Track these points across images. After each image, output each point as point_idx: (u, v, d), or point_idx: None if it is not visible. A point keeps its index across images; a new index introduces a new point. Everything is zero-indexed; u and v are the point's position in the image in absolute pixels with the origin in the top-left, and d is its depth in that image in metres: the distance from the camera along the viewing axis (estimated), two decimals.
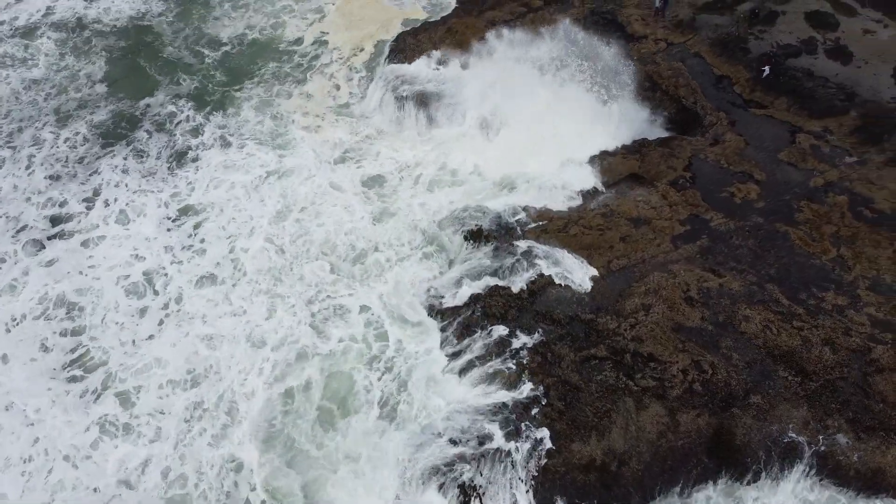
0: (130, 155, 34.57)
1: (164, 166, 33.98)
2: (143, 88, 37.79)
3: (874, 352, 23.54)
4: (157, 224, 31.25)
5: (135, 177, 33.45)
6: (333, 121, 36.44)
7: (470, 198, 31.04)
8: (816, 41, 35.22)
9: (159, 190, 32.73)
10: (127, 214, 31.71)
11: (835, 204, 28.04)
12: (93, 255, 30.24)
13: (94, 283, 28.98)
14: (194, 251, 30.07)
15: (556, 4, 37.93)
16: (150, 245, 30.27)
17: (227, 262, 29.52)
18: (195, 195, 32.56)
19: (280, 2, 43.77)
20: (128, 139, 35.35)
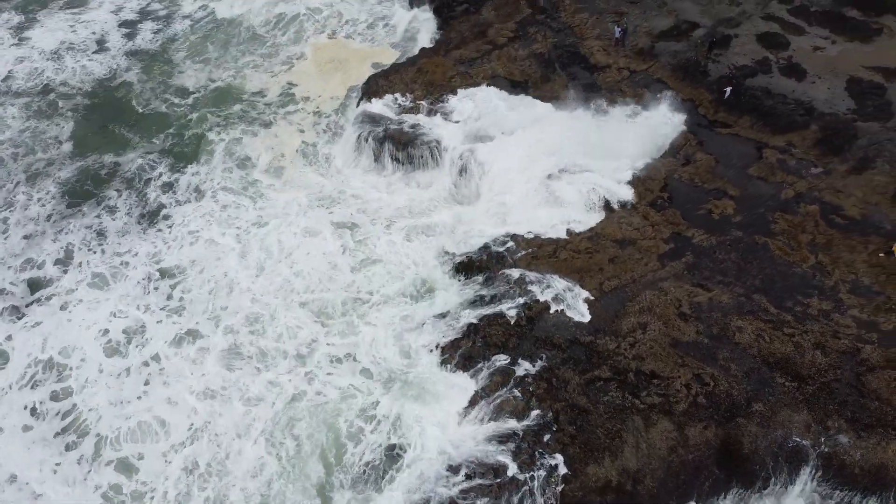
0: (103, 213, 34.05)
1: (136, 224, 33.46)
2: (112, 145, 37.41)
3: (863, 352, 24.45)
4: (135, 285, 30.62)
5: (108, 236, 32.92)
6: (306, 166, 36.54)
7: (453, 233, 31.34)
8: (770, 61, 37.02)
9: (134, 252, 32.07)
10: (104, 276, 31.09)
11: (807, 213, 29.26)
12: (71, 318, 29.54)
13: (77, 346, 28.35)
14: (174, 310, 29.48)
15: (520, 41, 39.11)
16: (128, 306, 29.70)
17: (209, 320, 29.04)
18: (170, 252, 31.98)
19: (244, 57, 43.95)
20: (98, 198, 34.80)
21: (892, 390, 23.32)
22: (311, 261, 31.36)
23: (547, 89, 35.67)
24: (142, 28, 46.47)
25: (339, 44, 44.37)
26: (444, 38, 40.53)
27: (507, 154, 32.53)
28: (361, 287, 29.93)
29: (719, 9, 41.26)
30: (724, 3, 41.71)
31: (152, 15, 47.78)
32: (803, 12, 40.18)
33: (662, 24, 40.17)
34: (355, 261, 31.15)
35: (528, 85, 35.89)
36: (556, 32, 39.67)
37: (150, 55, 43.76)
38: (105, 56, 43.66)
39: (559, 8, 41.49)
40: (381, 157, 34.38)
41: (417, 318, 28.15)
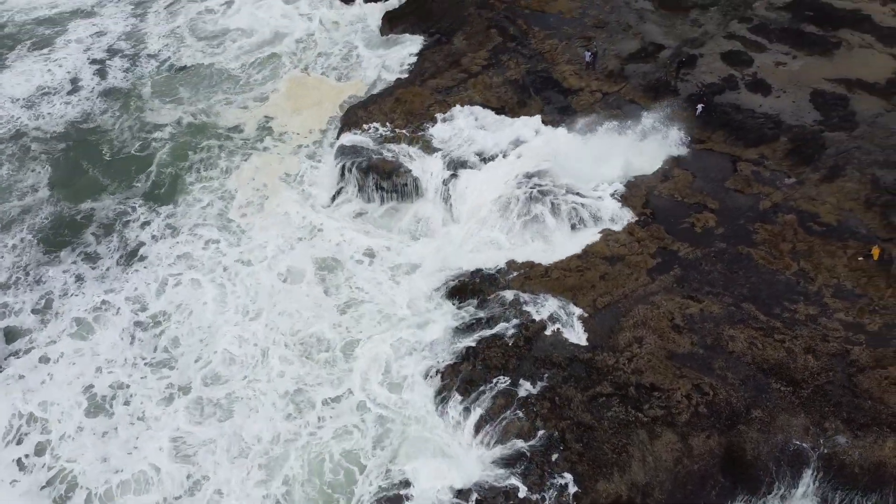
0: (80, 260, 33.30)
1: (116, 269, 32.77)
2: (89, 189, 36.78)
3: (852, 353, 25.15)
4: (120, 333, 29.91)
5: (88, 283, 32.20)
6: (287, 200, 36.35)
7: (440, 261, 31.45)
8: (736, 77, 38.28)
9: (115, 298, 31.24)
10: (86, 324, 30.32)
11: (785, 222, 30.13)
12: (53, 373, 28.71)
13: (60, 403, 27.55)
14: (161, 363, 28.81)
15: (494, 68, 39.84)
16: (113, 359, 28.96)
17: (198, 369, 28.46)
18: (153, 297, 31.37)
19: (216, 95, 43.78)
20: (75, 244, 34.06)
21: (884, 389, 23.99)
22: (296, 300, 31.08)
23: (524, 114, 36.29)
24: (111, 67, 46.12)
25: (313, 78, 44.59)
26: (419, 68, 41.09)
27: (488, 178, 32.96)
28: (349, 325, 29.70)
29: (682, 30, 42.63)
30: (687, 24, 43.12)
31: (120, 54, 47.49)
32: (763, 30, 41.70)
33: (630, 46, 41.32)
34: (341, 296, 31.00)
35: (505, 111, 36.45)
36: (527, 59, 40.51)
37: (122, 95, 43.38)
38: (78, 97, 43.19)
39: (529, 35, 42.40)
40: (366, 188, 34.51)
41: (409, 349, 28.11)
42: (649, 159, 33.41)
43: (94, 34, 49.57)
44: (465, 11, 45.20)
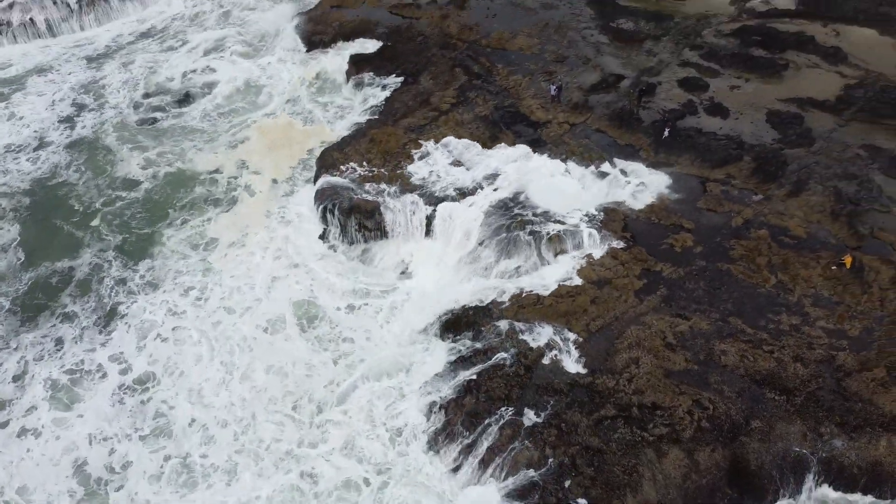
0: (59, 323, 32.03)
1: (96, 330, 31.60)
2: (62, 248, 35.68)
3: (838, 358, 26.04)
4: (107, 399, 28.60)
5: (68, 347, 30.86)
6: (267, 244, 36.09)
7: (430, 298, 31.51)
8: (695, 103, 39.81)
9: (98, 363, 30.01)
10: (69, 391, 28.97)
11: (759, 238, 31.20)
12: (31, 447, 27.07)
13: (43, 478, 26.02)
14: (153, 432, 27.56)
15: (463, 105, 40.57)
16: (99, 427, 27.61)
17: (189, 432, 27.45)
18: (136, 357, 30.29)
19: (184, 143, 43.35)
20: (52, 307, 32.76)
21: (872, 390, 24.86)
22: (281, 351, 30.60)
23: (498, 147, 36.95)
24: (75, 121, 45.26)
25: (282, 124, 44.60)
26: (389, 108, 41.52)
27: (469, 211, 33.39)
28: (338, 375, 29.25)
29: (639, 60, 44.22)
30: (643, 54, 44.77)
31: (83, 107, 46.68)
32: (715, 56, 43.58)
33: (591, 78, 42.62)
34: (327, 343, 30.67)
35: (479, 145, 37.08)
36: (494, 95, 41.39)
37: (89, 149, 42.41)
38: (44, 152, 42.14)
39: (493, 73, 43.39)
40: (348, 228, 34.50)
41: (403, 393, 27.98)
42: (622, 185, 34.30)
43: (55, 90, 48.84)
44: (428, 52, 46.04)
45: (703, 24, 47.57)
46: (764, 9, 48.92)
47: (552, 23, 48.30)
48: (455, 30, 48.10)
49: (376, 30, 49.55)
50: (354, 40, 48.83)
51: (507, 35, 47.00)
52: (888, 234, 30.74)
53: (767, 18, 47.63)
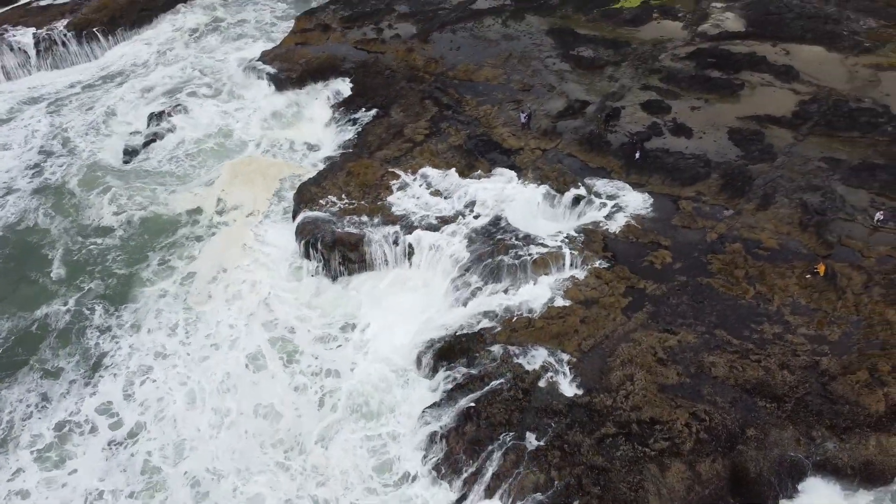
0: (39, 378, 30.74)
1: (81, 382, 30.47)
2: (39, 298, 34.50)
3: (822, 364, 26.79)
4: (98, 454, 27.47)
5: (53, 402, 29.67)
6: (248, 281, 35.59)
7: (419, 327, 31.45)
8: (659, 124, 40.93)
9: (85, 418, 28.89)
10: (58, 449, 27.73)
11: (734, 251, 32.05)
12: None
13: None
14: (144, 484, 26.56)
15: (436, 136, 40.94)
16: (91, 486, 26.43)
17: (182, 485, 26.48)
18: (124, 407, 29.29)
19: (156, 184, 42.68)
20: (33, 361, 31.44)
21: (857, 392, 25.60)
22: (269, 392, 30.11)
23: (474, 175, 37.35)
24: (40, 167, 44.25)
25: (255, 161, 44.27)
26: (363, 141, 41.63)
27: (452, 238, 33.59)
28: (324, 416, 28.89)
29: (601, 86, 45.36)
30: (605, 80, 45.95)
31: (47, 154, 45.70)
32: (674, 79, 44.98)
33: (557, 105, 43.52)
34: (315, 382, 30.31)
35: (456, 174, 37.40)
36: (466, 125, 41.90)
37: (58, 194, 41.38)
38: (12, 198, 41.07)
39: (462, 103, 43.98)
40: (332, 262, 34.32)
41: (397, 433, 27.74)
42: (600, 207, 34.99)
43: (16, 137, 47.66)
44: (397, 85, 46.45)
45: (660, 48, 49.11)
46: (715, 32, 50.78)
47: (515, 53, 49.27)
48: (421, 63, 48.70)
49: (343, 65, 49.81)
50: (325, 76, 48.86)
51: (473, 66, 47.77)
52: (855, 241, 31.91)
53: (719, 41, 49.43)
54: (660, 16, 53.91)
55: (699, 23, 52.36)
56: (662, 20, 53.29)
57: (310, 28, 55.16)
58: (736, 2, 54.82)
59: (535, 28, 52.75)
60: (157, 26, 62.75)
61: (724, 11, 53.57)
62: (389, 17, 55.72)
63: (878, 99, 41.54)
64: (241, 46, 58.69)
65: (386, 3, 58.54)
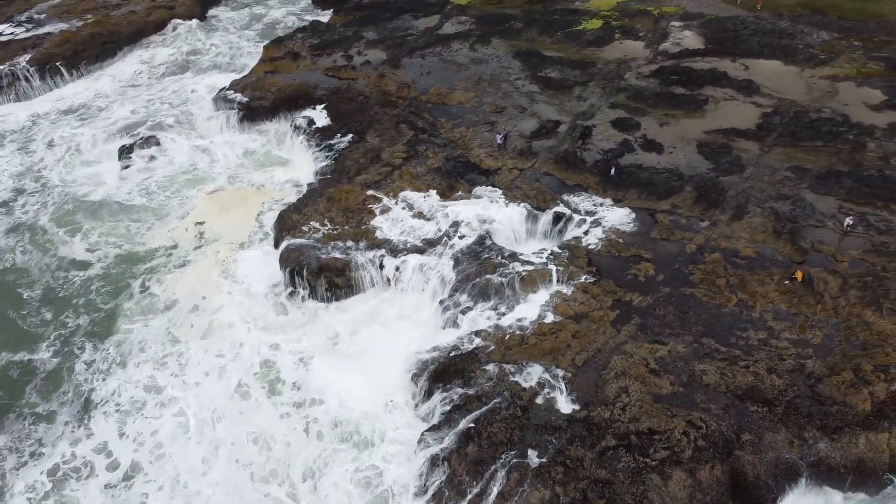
0: (28, 423, 29.54)
1: (75, 424, 29.35)
2: (20, 340, 33.32)
3: (807, 366, 27.37)
4: (98, 497, 26.41)
5: (46, 447, 28.39)
6: (231, 310, 34.93)
7: (410, 348, 31.25)
8: (630, 141, 41.73)
9: (81, 460, 27.76)
10: (57, 496, 26.58)
11: (714, 261, 32.68)
12: None
13: None
14: None
15: (414, 159, 41.04)
16: None
17: None
18: (122, 449, 28.21)
19: (129, 219, 41.65)
20: (20, 406, 30.24)
21: (844, 392, 26.18)
22: (259, 419, 29.56)
23: (455, 197, 37.51)
24: (11, 205, 43.10)
25: (229, 191, 43.72)
26: (341, 167, 41.48)
27: (438, 259, 33.63)
28: (313, 443, 28.45)
29: (571, 106, 46.12)
30: (574, 100, 46.75)
31: (17, 192, 44.58)
32: (640, 96, 46.00)
33: (530, 125, 44.07)
34: (300, 411, 29.83)
35: (438, 196, 37.52)
36: (442, 147, 42.12)
37: (31, 231, 40.32)
38: None
39: (437, 126, 44.23)
40: (317, 288, 33.98)
41: (397, 460, 27.34)
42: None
43: None
44: (371, 111, 46.54)
45: (624, 68, 50.25)
46: (676, 50, 52.21)
47: (485, 76, 49.86)
48: (394, 88, 48.92)
49: (315, 92, 49.73)
50: (298, 104, 48.71)
51: (445, 90, 48.16)
52: (828, 246, 32.85)
53: (681, 58, 50.83)
54: (622, 36, 55.23)
55: (660, 41, 53.81)
56: (625, 40, 54.61)
57: (279, 56, 55.03)
58: (693, 20, 56.53)
59: (503, 51, 53.54)
60: (123, 59, 61.78)
61: (683, 30, 55.17)
62: (358, 44, 55.94)
63: (836, 109, 43.11)
64: (209, 77, 58.06)
65: (353, 30, 58.82)
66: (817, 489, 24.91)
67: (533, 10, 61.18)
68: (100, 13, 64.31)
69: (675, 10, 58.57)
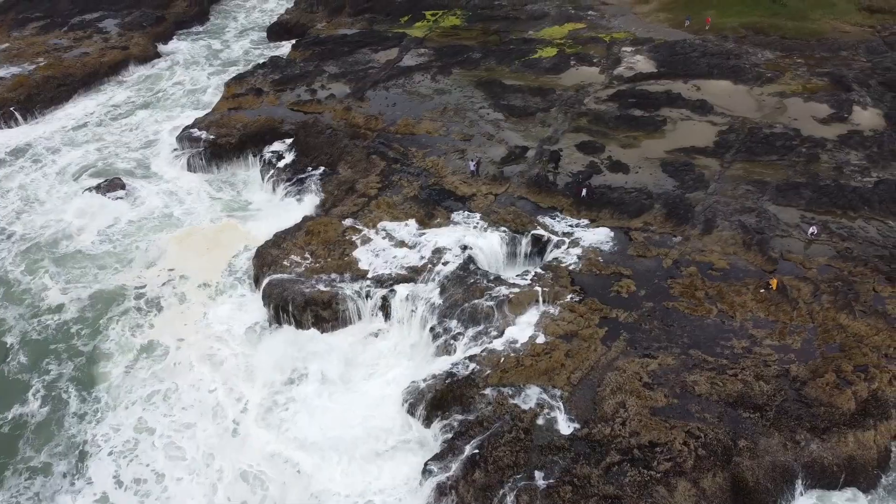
0: (25, 480, 27.87)
1: (72, 477, 27.94)
2: (8, 391, 31.73)
3: (792, 371, 28.16)
4: None
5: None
6: (214, 352, 34.07)
7: (405, 376, 30.95)
8: (597, 163, 42.64)
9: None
10: None
11: (690, 275, 33.47)
12: None
13: None
14: None
15: (389, 189, 41.02)
16: None
17: None
18: (120, 499, 27.08)
19: (94, 267, 40.11)
20: (14, 463, 28.57)
21: (829, 394, 27.02)
22: (251, 457, 28.82)
23: (435, 224, 37.59)
24: None
25: (203, 230, 42.76)
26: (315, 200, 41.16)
27: (424, 286, 33.61)
28: (316, 485, 27.68)
29: (536, 132, 46.90)
30: (538, 126, 47.60)
31: None
32: (601, 120, 47.15)
33: (499, 152, 44.60)
34: (308, 448, 28.95)
35: (417, 224, 37.54)
36: (416, 176, 42.24)
37: (2, 283, 38.70)
38: None
39: (409, 156, 44.37)
40: (304, 322, 33.42)
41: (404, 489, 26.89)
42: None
43: None
44: (340, 143, 46.37)
45: (583, 93, 51.48)
46: (630, 74, 53.81)
47: (450, 106, 50.34)
48: (361, 120, 48.95)
49: (282, 127, 49.38)
50: (265, 139, 48.28)
51: (413, 121, 48.43)
52: (795, 255, 34.09)
53: (636, 82, 52.39)
54: (577, 62, 56.65)
55: (614, 67, 55.39)
56: (580, 66, 56.02)
57: (242, 93, 54.51)
58: (643, 45, 58.45)
59: (464, 82, 54.22)
60: (79, 102, 60.08)
61: (635, 55, 56.95)
62: (321, 79, 55.89)
63: (787, 124, 45.05)
64: (171, 116, 57.03)
65: (314, 65, 58.77)
66: (812, 491, 25.60)
67: (489, 41, 62.27)
68: (52, 56, 62.61)
69: (625, 36, 60.48)
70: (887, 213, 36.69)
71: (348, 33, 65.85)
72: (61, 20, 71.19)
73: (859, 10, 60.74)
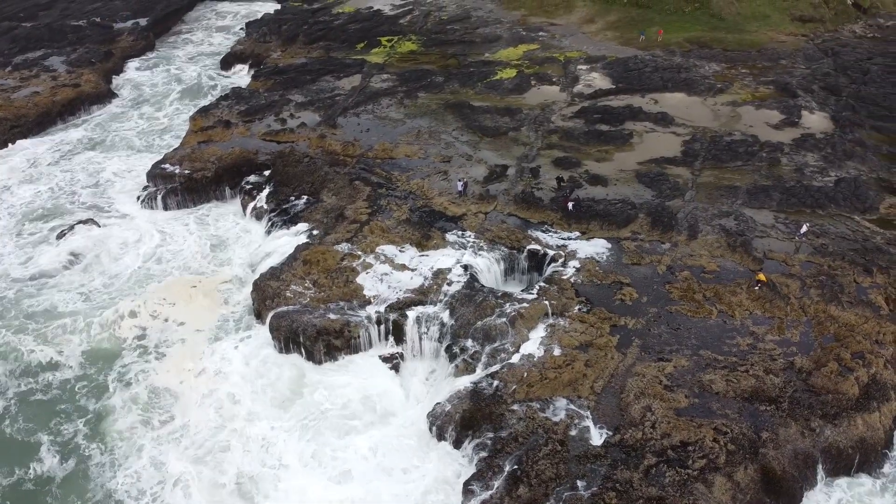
0: None
1: None
2: (22, 455, 29.56)
3: (796, 363, 29.37)
4: None
5: None
6: (225, 396, 32.64)
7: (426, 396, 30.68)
8: (576, 177, 43.54)
9: None
10: None
11: (685, 279, 34.53)
12: None
13: None
14: None
15: (379, 213, 40.62)
16: None
17: None
18: None
19: (77, 314, 38.02)
20: None
21: (834, 381, 28.33)
22: None
23: (432, 245, 37.49)
24: None
25: (185, 276, 40.70)
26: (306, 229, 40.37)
27: (436, 307, 33.49)
28: None
29: (513, 150, 47.53)
30: (512, 144, 48.27)
31: None
32: (571, 136, 48.25)
33: (481, 171, 44.96)
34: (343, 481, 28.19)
35: (415, 247, 37.36)
36: (404, 200, 42.05)
37: None
38: None
39: (393, 180, 44.16)
40: (315, 353, 32.64)
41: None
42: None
43: None
44: (320, 171, 45.74)
45: (548, 111, 52.58)
46: (590, 91, 55.33)
47: (423, 129, 50.46)
48: (338, 147, 48.46)
49: (258, 158, 48.30)
50: (241, 171, 47.16)
51: (390, 145, 48.28)
52: (777, 253, 35.66)
53: (596, 98, 53.93)
54: (538, 82, 57.82)
55: (573, 84, 56.84)
56: (541, 86, 57.20)
57: (210, 126, 52.98)
58: (597, 63, 60.24)
59: (433, 105, 54.47)
60: (33, 142, 56.99)
61: (591, 72, 58.63)
62: (288, 108, 55.04)
63: (744, 131, 47.26)
64: (139, 153, 54.72)
65: (279, 94, 57.82)
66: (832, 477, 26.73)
67: (449, 64, 62.84)
68: (1, 97, 59.39)
69: (578, 55, 62.16)
70: (852, 209, 38.94)
71: (307, 62, 65.14)
72: (3, 59, 67.59)
73: (792, 21, 64.48)
